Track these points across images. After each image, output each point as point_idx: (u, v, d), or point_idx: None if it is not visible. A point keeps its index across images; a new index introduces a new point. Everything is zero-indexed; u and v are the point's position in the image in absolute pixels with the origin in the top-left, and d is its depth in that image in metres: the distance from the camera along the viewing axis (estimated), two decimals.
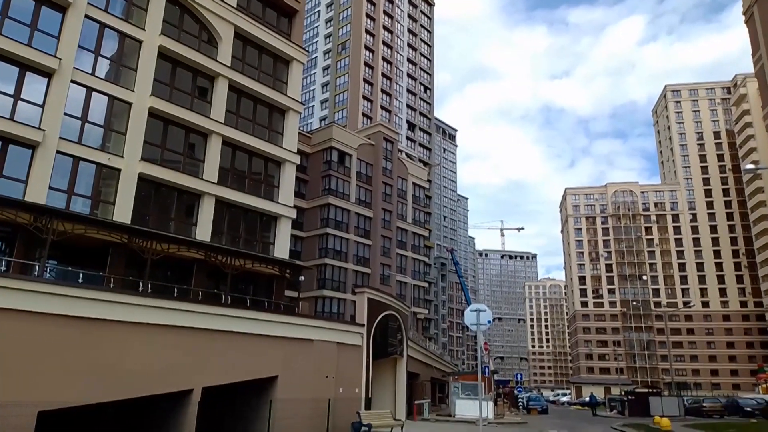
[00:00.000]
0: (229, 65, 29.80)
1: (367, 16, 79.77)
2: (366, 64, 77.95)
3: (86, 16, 24.35)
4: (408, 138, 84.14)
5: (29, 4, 23.00)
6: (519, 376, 68.00)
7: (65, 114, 23.05)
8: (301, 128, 63.22)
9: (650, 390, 55.41)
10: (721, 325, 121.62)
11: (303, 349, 25.32)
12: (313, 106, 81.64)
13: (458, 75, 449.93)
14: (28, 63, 22.19)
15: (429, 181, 79.68)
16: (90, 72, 24.28)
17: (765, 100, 60.33)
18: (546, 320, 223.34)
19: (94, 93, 24.26)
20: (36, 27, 22.99)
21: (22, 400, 15.91)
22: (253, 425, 23.52)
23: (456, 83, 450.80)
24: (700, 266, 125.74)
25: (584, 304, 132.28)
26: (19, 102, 22.01)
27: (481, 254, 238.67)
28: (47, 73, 22.74)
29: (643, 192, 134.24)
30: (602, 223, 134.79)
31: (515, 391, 62.26)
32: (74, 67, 23.51)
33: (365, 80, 77.29)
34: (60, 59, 22.84)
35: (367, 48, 78.58)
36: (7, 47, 21.54)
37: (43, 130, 21.93)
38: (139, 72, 25.99)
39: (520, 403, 58.16)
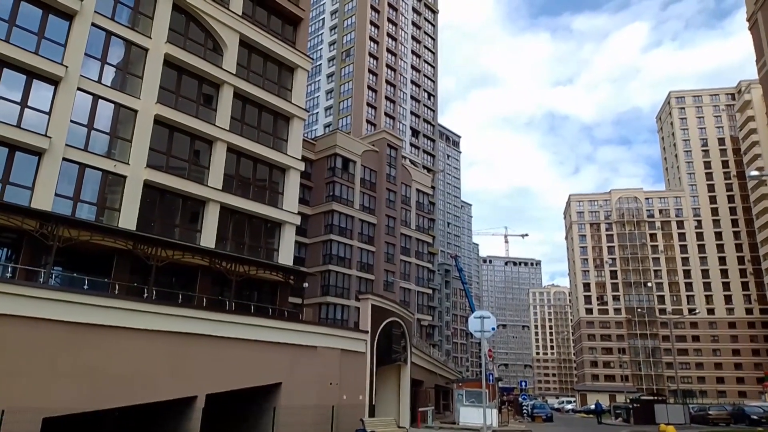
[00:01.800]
0: (234, 73, 29.98)
1: (371, 23, 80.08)
2: (370, 71, 78.17)
3: (93, 24, 24.56)
4: (412, 144, 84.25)
5: (36, 12, 23.21)
6: (523, 383, 67.88)
7: (71, 121, 23.21)
8: (306, 135, 63.38)
9: (655, 398, 55.10)
10: (727, 333, 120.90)
11: (307, 355, 25.32)
12: (317, 113, 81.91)
13: (462, 81, 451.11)
14: (35, 71, 22.37)
15: (433, 187, 79.73)
16: (96, 79, 24.47)
17: None
18: (550, 327, 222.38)
19: (100, 100, 24.44)
20: (43, 35, 23.20)
21: (28, 406, 15.97)
22: None
23: (460, 90, 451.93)
24: (705, 273, 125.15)
25: (589, 311, 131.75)
26: (26, 109, 22.18)
27: (485, 261, 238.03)
28: (54, 81, 22.91)
29: (647, 198, 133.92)
30: (606, 229, 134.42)
31: (520, 399, 62.04)
32: (81, 75, 23.69)
33: (369, 87, 77.50)
34: (67, 67, 23.02)
35: (371, 55, 78.87)
36: (14, 55, 21.73)
37: (50, 138, 22.08)
38: (145, 79, 26.17)
39: (525, 411, 57.89)
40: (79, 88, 23.59)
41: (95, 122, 24.27)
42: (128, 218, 24.17)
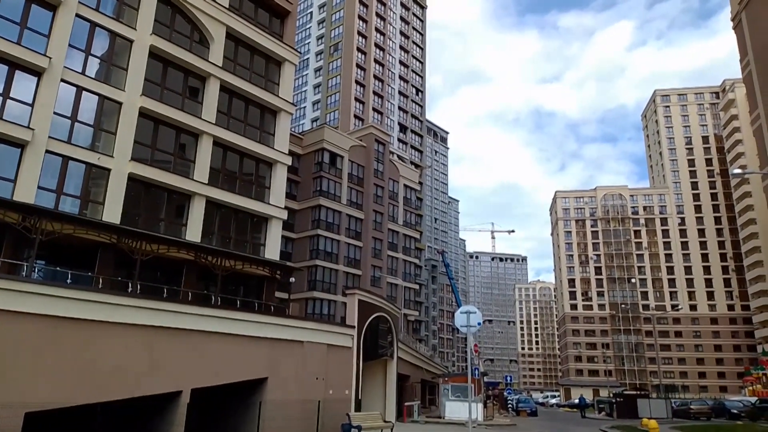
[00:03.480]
0: (221, 66, 29.73)
1: (360, 18, 79.84)
2: (358, 66, 78.00)
3: (77, 15, 24.22)
4: (399, 140, 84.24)
5: (19, 2, 22.83)
6: (509, 378, 68.23)
7: (55, 113, 22.90)
8: (293, 129, 63.15)
9: (638, 392, 55.82)
10: (709, 328, 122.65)
11: (293, 350, 25.28)
12: (304, 107, 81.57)
13: (450, 78, 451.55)
14: (18, 61, 22.02)
15: (420, 183, 79.82)
16: (80, 71, 24.15)
17: (753, 105, 60.97)
18: (536, 322, 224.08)
19: (84, 92, 24.13)
20: (26, 25, 22.83)
21: (9, 401, 15.77)
22: (243, 426, 23.46)
23: (447, 86, 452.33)
24: (688, 269, 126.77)
25: (573, 307, 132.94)
26: (8, 101, 21.84)
27: (471, 256, 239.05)
28: (37, 72, 22.59)
29: (632, 195, 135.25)
30: (592, 226, 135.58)
31: (505, 393, 62.45)
32: (64, 66, 23.37)
33: (357, 82, 77.33)
34: (50, 58, 22.69)
35: (359, 50, 78.64)
36: None
37: (33, 129, 21.78)
38: (130, 71, 25.87)
39: (510, 405, 58.34)
40: (62, 80, 23.27)
41: (79, 114, 23.97)
42: (112, 212, 23.93)
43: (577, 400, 62.65)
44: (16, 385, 16.30)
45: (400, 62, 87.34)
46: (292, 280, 33.64)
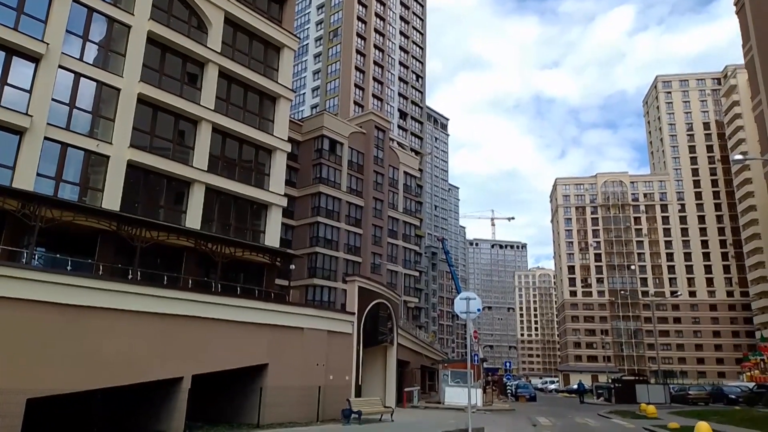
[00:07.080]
0: (219, 51, 29.53)
1: (359, 2, 79.15)
2: (358, 51, 77.48)
3: (74, 1, 24.02)
4: (399, 127, 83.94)
5: None
6: (508, 364, 68.63)
7: (53, 100, 22.79)
8: (292, 116, 62.86)
9: (637, 378, 56.11)
10: (708, 315, 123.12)
11: (293, 337, 25.38)
12: (304, 93, 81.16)
13: (449, 64, 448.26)
14: (15, 47, 21.86)
15: (420, 170, 79.64)
16: (78, 57, 23.99)
17: (755, 91, 60.67)
18: (535, 309, 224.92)
19: (82, 78, 23.99)
20: (23, 11, 22.64)
21: (11, 387, 15.86)
22: (244, 412, 23.62)
23: (447, 72, 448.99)
24: (687, 256, 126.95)
25: (573, 293, 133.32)
26: (6, 87, 21.72)
27: (471, 243, 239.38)
28: (34, 58, 22.43)
29: (632, 182, 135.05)
30: (592, 213, 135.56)
31: (504, 379, 62.82)
32: (62, 52, 23.21)
33: (357, 68, 76.87)
34: (47, 44, 22.53)
35: (358, 35, 78.08)
36: None
37: (31, 116, 21.68)
38: (128, 57, 25.70)
39: (509, 391, 58.71)
40: (60, 66, 23.13)
41: (77, 101, 23.86)
42: (112, 199, 23.91)
43: (576, 386, 63.00)
44: (18, 372, 16.38)
45: (400, 48, 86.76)
46: (292, 267, 33.72)
